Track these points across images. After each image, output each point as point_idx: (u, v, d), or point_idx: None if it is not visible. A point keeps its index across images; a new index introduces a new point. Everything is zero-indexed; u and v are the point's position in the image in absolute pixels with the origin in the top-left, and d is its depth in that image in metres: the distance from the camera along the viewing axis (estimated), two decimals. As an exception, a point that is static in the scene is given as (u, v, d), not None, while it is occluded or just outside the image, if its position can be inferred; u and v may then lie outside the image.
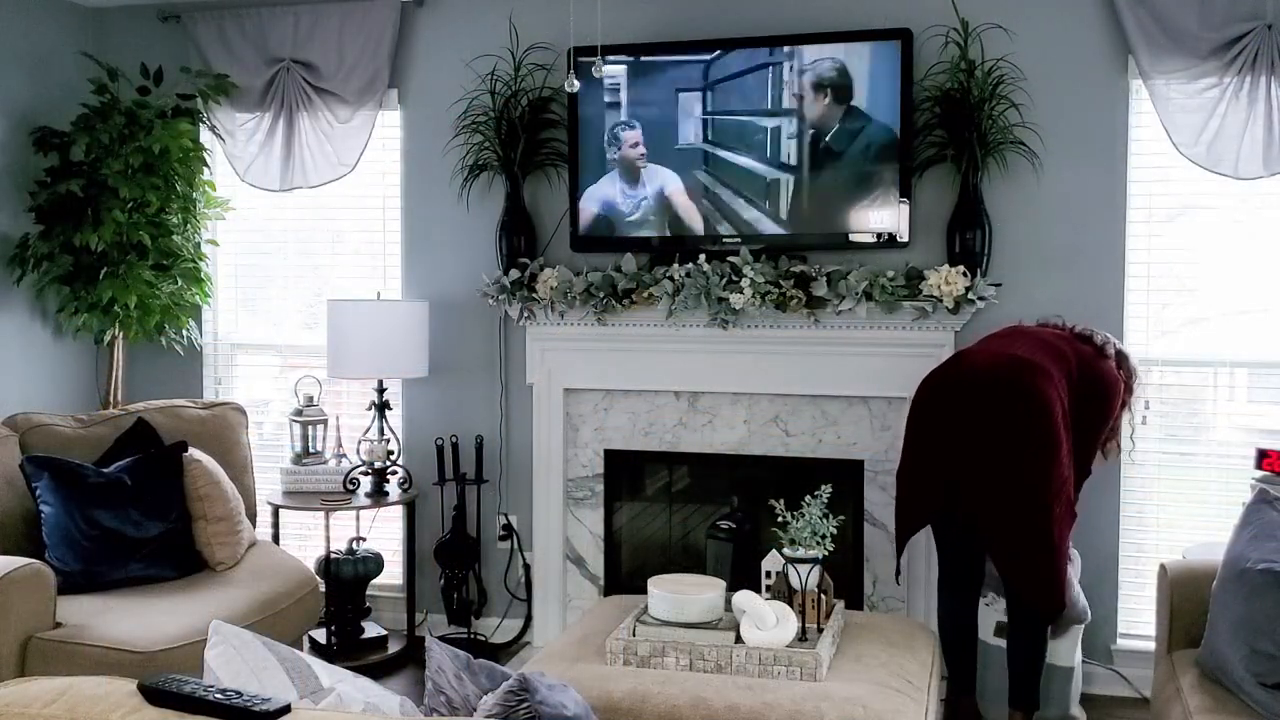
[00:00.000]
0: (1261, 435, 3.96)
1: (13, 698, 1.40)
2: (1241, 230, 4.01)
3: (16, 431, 3.88)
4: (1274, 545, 2.76)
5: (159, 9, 4.87)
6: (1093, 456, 3.54)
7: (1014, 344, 3.46)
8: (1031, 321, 3.89)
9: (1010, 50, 4.04)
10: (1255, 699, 2.64)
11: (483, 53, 4.50)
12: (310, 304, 4.97)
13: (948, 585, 3.59)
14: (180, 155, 4.53)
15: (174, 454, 3.90)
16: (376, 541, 4.67)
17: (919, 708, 2.82)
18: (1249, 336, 4.02)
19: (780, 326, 4.21)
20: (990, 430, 3.27)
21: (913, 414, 3.45)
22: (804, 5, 4.21)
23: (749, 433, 4.33)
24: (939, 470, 3.38)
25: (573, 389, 4.49)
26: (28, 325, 4.72)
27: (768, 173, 4.15)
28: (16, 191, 4.61)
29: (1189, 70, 3.85)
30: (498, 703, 1.63)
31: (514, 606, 4.68)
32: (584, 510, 4.52)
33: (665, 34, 4.30)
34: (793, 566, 3.17)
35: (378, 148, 4.72)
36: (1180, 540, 4.04)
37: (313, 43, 4.66)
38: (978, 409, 3.30)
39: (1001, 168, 4.07)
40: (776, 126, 4.13)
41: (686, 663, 2.95)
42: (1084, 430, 3.44)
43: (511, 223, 4.45)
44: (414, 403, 4.74)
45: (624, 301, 4.29)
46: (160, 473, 3.84)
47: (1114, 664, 4.10)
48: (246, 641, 1.66)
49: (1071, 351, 3.49)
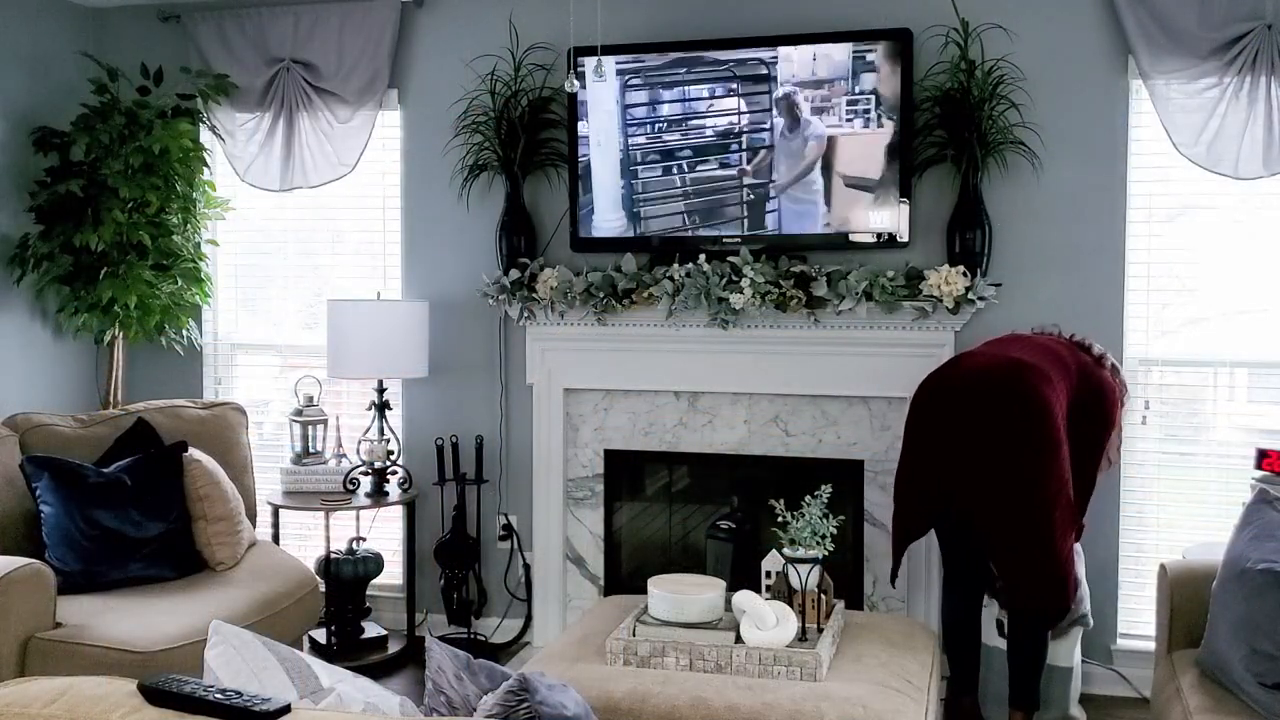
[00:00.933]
0: (1261, 435, 3.96)
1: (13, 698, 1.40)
2: (1241, 230, 4.01)
3: (16, 431, 3.88)
4: (1274, 545, 2.76)
5: (159, 9, 4.87)
6: (1098, 466, 3.52)
7: (1013, 348, 3.46)
8: (1027, 329, 3.88)
9: (1010, 50, 4.04)
10: (1255, 699, 2.64)
11: (483, 53, 4.50)
12: (310, 304, 4.97)
13: (950, 584, 3.59)
14: (180, 155, 4.53)
15: (174, 454, 3.90)
16: (376, 541, 4.67)
17: (919, 708, 2.82)
18: (1249, 336, 4.02)
19: (780, 326, 4.21)
20: (988, 431, 3.26)
21: (911, 417, 3.45)
22: (804, 5, 4.21)
23: (749, 433, 4.33)
24: (937, 474, 3.37)
25: (573, 389, 4.49)
26: (28, 325, 4.72)
27: (766, 170, 4.15)
28: (16, 191, 4.61)
29: (1189, 70, 3.85)
30: (498, 703, 1.63)
31: (514, 606, 4.68)
32: (584, 510, 4.52)
33: (665, 34, 4.30)
34: (793, 566, 3.17)
35: (378, 148, 4.72)
36: (1180, 540, 4.04)
37: (313, 43, 4.66)
38: (976, 410, 3.29)
39: (1001, 168, 4.07)
40: (776, 127, 4.13)
41: (686, 663, 2.95)
42: (1086, 439, 3.43)
43: (511, 223, 4.45)
44: (414, 403, 4.74)
45: (624, 301, 4.29)
46: (160, 473, 3.84)
47: (1114, 664, 4.10)
48: (246, 641, 1.66)
49: (1073, 359, 3.49)
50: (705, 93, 4.19)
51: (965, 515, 3.37)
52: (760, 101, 4.13)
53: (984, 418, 3.27)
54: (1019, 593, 3.34)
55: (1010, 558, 3.31)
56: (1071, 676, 3.71)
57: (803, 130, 4.10)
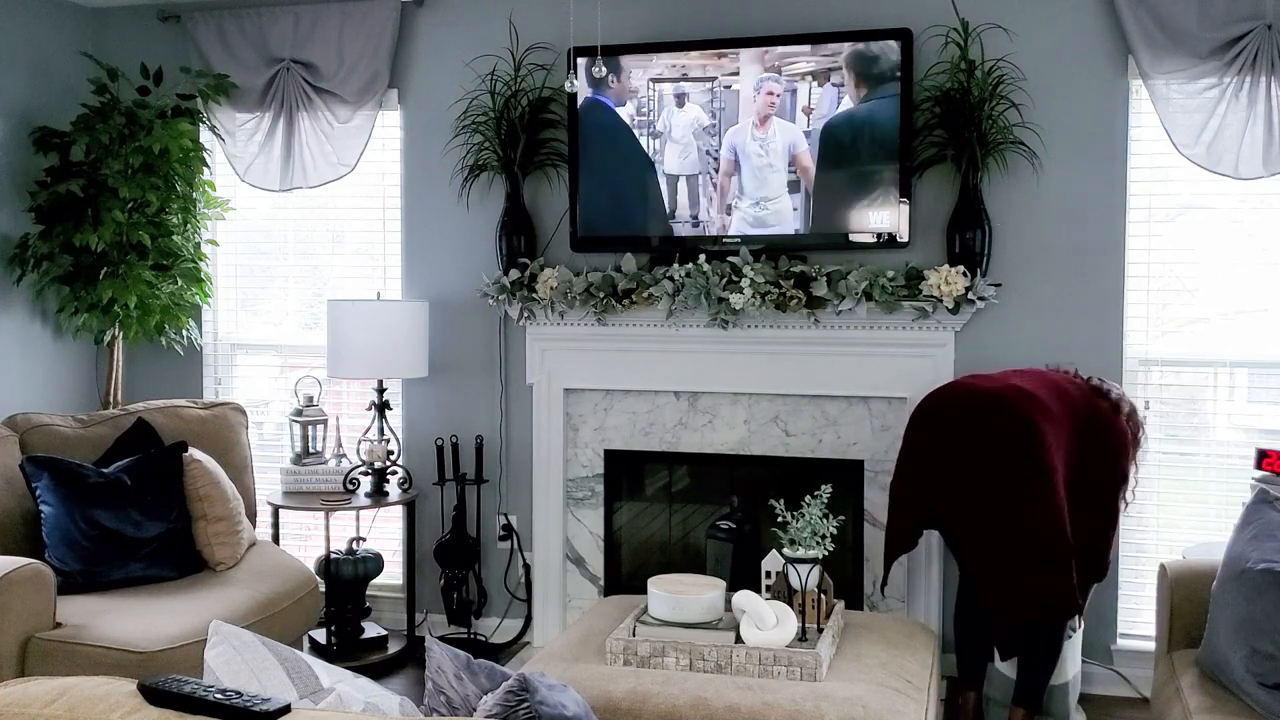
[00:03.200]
0: (1261, 435, 3.96)
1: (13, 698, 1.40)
2: (1241, 230, 4.01)
3: (16, 431, 3.88)
4: (1274, 545, 2.76)
5: (159, 9, 4.87)
6: (1115, 511, 3.50)
7: (1018, 377, 3.46)
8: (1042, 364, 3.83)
9: (1010, 50, 4.04)
10: (1255, 699, 2.64)
11: (483, 53, 4.50)
12: (310, 304, 4.97)
13: (964, 580, 3.60)
14: (180, 155, 4.53)
15: (174, 454, 3.90)
16: (376, 541, 4.67)
17: (919, 707, 2.82)
18: (1249, 336, 4.02)
19: (780, 326, 4.21)
20: (977, 453, 3.27)
21: (907, 432, 3.47)
22: (805, 5, 4.21)
23: (749, 433, 4.33)
24: (926, 491, 3.39)
25: (573, 389, 4.49)
26: (28, 325, 4.72)
27: (767, 173, 4.15)
28: (16, 191, 4.61)
29: (1189, 70, 3.85)
30: (497, 703, 1.63)
31: (514, 606, 4.68)
32: (584, 510, 4.52)
33: (665, 34, 4.30)
34: (793, 566, 3.17)
35: (378, 148, 4.72)
36: (1180, 540, 4.04)
37: (313, 43, 4.66)
38: (967, 431, 3.31)
39: (1001, 168, 4.07)
40: (776, 127, 4.13)
41: (686, 663, 2.95)
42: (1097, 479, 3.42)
43: (511, 223, 4.45)
44: (414, 403, 4.74)
45: (624, 301, 4.29)
46: (160, 473, 3.84)
47: (1114, 664, 4.10)
48: (246, 642, 1.66)
49: (1082, 398, 3.47)
50: (706, 93, 4.19)
51: (953, 535, 3.39)
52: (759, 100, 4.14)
53: (974, 439, 3.29)
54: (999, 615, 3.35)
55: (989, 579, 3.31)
56: (1069, 690, 3.71)
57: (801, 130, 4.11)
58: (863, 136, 4.05)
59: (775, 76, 4.12)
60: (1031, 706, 3.46)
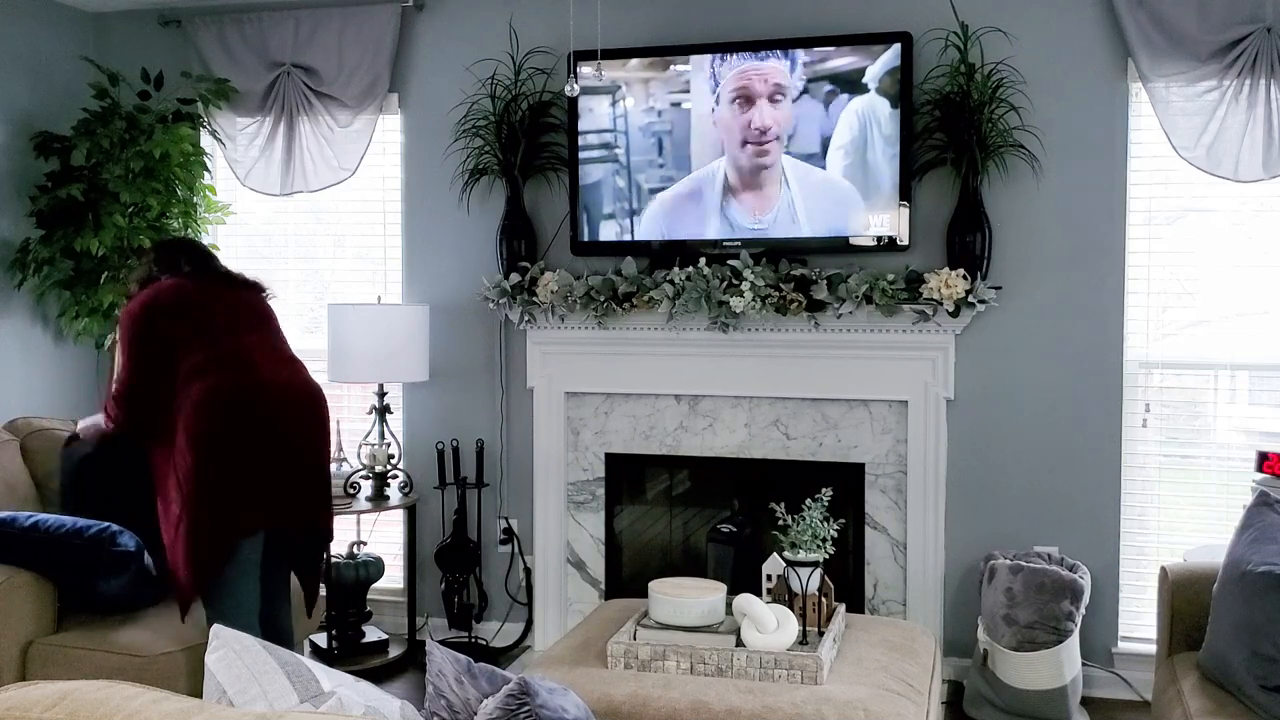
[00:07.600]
0: (1262, 438, 3.96)
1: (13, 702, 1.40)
2: (1241, 233, 4.01)
3: (17, 436, 3.87)
4: (1275, 548, 2.76)
5: (160, 14, 4.87)
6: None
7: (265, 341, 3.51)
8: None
9: (1010, 54, 4.04)
10: (1257, 702, 2.64)
11: (483, 57, 4.50)
12: (311, 308, 4.97)
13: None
14: (181, 160, 4.53)
15: (175, 458, 3.89)
16: (377, 545, 4.67)
17: (920, 711, 2.82)
18: (1249, 339, 4.02)
19: (780, 330, 4.21)
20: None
21: (218, 432, 3.19)
22: (804, 8, 4.21)
23: (749, 436, 4.33)
24: (266, 485, 3.31)
25: (573, 392, 4.49)
26: (28, 330, 4.72)
27: (767, 176, 4.16)
28: (17, 196, 4.61)
29: (1189, 73, 3.86)
30: (498, 706, 1.63)
31: (515, 610, 4.67)
32: (585, 514, 4.52)
33: (665, 38, 4.31)
34: (793, 570, 3.17)
35: (378, 152, 4.73)
36: (1181, 543, 4.04)
37: (313, 47, 4.66)
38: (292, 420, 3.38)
39: (1001, 171, 4.07)
40: (776, 130, 4.13)
41: (687, 666, 2.95)
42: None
43: (512, 226, 4.45)
44: (414, 407, 4.74)
45: (624, 305, 4.29)
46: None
47: (1115, 667, 4.09)
48: (247, 646, 1.66)
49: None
50: (704, 94, 4.19)
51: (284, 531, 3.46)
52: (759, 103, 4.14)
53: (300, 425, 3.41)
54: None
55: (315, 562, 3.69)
56: (1069, 693, 3.71)
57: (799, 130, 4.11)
58: (863, 140, 4.06)
59: (776, 80, 4.12)
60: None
